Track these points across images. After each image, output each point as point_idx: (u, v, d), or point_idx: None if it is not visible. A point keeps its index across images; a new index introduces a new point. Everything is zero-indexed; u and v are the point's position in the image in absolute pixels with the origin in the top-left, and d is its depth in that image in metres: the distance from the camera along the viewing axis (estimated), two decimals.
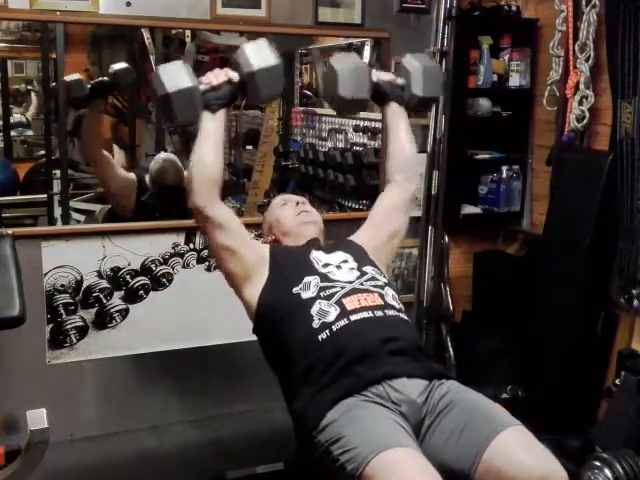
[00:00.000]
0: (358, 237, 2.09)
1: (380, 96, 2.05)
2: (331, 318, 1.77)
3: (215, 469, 2.59)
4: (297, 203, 2.14)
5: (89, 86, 3.08)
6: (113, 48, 4.38)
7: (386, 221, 2.08)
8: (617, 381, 2.61)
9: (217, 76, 1.82)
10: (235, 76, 1.82)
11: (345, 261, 1.94)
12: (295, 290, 1.85)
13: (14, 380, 2.65)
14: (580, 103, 2.83)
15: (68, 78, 3.10)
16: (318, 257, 1.94)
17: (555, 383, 2.82)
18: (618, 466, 2.24)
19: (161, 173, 3.23)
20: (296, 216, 2.11)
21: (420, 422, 1.66)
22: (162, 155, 3.39)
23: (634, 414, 2.49)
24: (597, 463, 2.28)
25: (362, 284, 1.87)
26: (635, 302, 2.63)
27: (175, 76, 1.74)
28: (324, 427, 1.62)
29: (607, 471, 2.24)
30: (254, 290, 1.89)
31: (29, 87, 5.56)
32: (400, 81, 2.06)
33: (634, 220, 2.60)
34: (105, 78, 3.10)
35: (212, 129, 1.82)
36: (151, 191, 3.26)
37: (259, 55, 1.80)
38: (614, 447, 2.41)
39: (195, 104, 1.77)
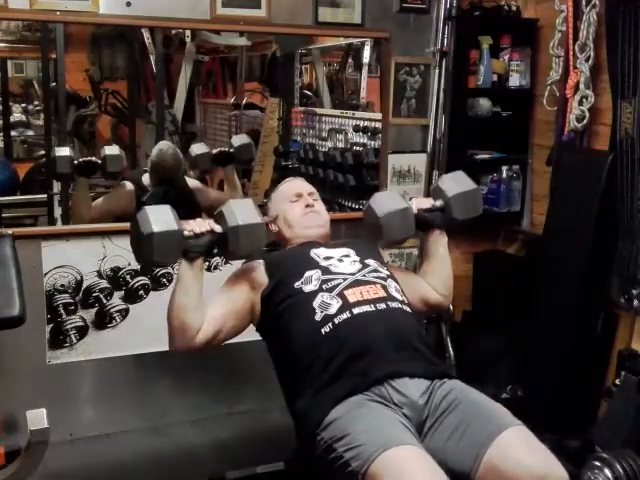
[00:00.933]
0: (395, 271, 2.09)
1: (423, 225, 2.10)
2: (333, 310, 1.78)
3: (215, 469, 2.59)
4: (307, 205, 2.11)
5: (75, 163, 3.05)
6: (113, 48, 4.38)
7: (407, 291, 2.06)
8: (617, 381, 2.61)
9: (200, 225, 1.83)
10: (218, 228, 1.83)
11: (347, 255, 1.96)
12: (297, 285, 1.86)
13: (14, 380, 2.65)
14: (580, 103, 2.83)
15: (58, 152, 3.04)
16: (319, 252, 1.96)
17: (555, 383, 2.82)
18: (618, 466, 2.23)
19: (160, 157, 3.24)
20: (303, 218, 2.09)
21: (422, 422, 1.67)
22: (161, 141, 3.43)
23: (634, 414, 2.49)
24: (597, 463, 2.28)
25: (364, 275, 1.88)
26: (635, 302, 2.63)
27: (163, 217, 1.76)
28: (327, 424, 1.62)
29: (607, 471, 2.24)
30: (258, 300, 1.92)
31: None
32: (439, 203, 2.10)
33: (634, 220, 2.59)
34: (93, 158, 3.08)
35: (190, 278, 1.81)
36: (151, 191, 3.26)
37: (245, 212, 1.84)
38: (614, 447, 2.41)
39: (175, 248, 1.78)
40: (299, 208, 2.10)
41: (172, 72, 4.29)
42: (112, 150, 3.13)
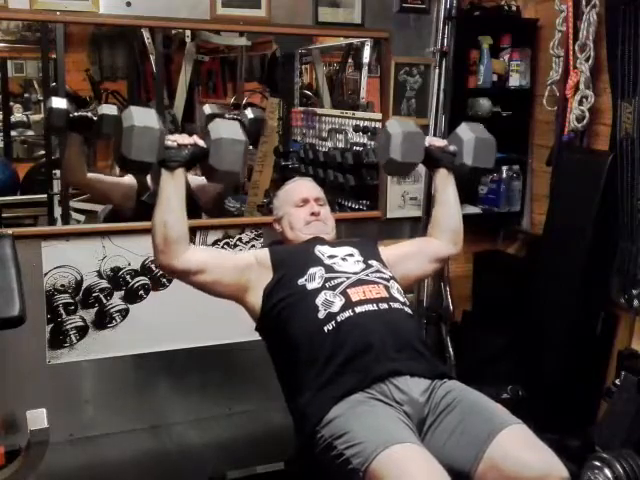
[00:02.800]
0: (384, 251, 2.10)
1: (431, 161, 2.09)
2: (336, 308, 1.78)
3: (215, 469, 2.59)
4: (312, 213, 2.08)
5: (71, 116, 2.94)
6: (113, 48, 4.39)
7: (416, 261, 2.11)
8: (617, 381, 2.60)
9: (184, 138, 1.83)
10: (201, 143, 1.83)
11: (351, 254, 1.96)
12: (300, 282, 1.86)
13: (14, 380, 2.64)
14: (580, 103, 2.83)
15: (54, 103, 2.74)
16: (323, 250, 1.96)
17: (555, 383, 2.82)
18: (618, 466, 2.24)
19: None
20: (308, 225, 2.07)
21: (422, 421, 1.67)
22: None
23: (634, 414, 2.49)
24: (597, 463, 2.28)
25: (368, 275, 1.89)
26: (635, 302, 2.63)
27: (146, 116, 1.78)
28: (328, 422, 1.63)
29: (607, 471, 2.24)
30: (258, 293, 1.91)
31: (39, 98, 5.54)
32: (452, 148, 2.09)
33: (634, 220, 2.59)
34: (89, 114, 2.93)
35: (171, 191, 1.80)
36: (151, 190, 3.26)
37: (230, 129, 1.85)
38: (614, 447, 2.41)
39: (154, 147, 1.77)
40: (304, 214, 2.08)
41: (172, 72, 4.29)
42: (109, 109, 2.96)
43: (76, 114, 2.72)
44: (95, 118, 2.72)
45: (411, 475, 1.43)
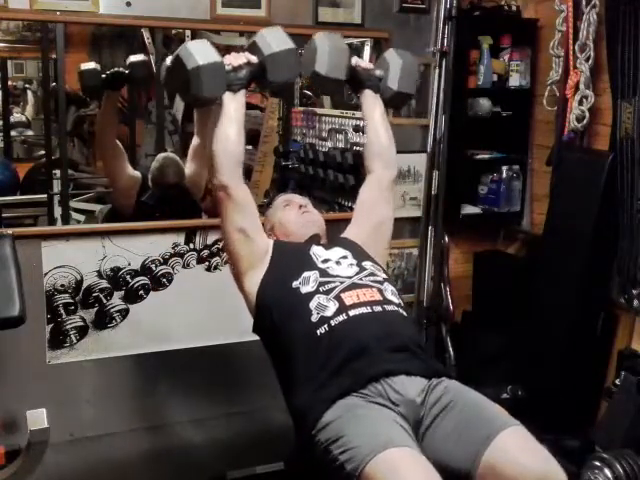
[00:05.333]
0: (349, 233, 2.12)
1: (356, 82, 2.10)
2: (329, 313, 1.78)
3: (215, 469, 2.59)
4: (300, 206, 2.15)
5: (103, 76, 3.07)
6: (113, 48, 4.38)
7: (370, 214, 2.12)
8: (617, 381, 2.61)
9: (237, 58, 1.88)
10: (254, 59, 1.88)
11: (344, 257, 1.95)
12: (294, 284, 1.86)
13: (14, 380, 2.64)
14: (580, 103, 2.83)
15: (84, 66, 3.07)
16: (318, 252, 1.96)
17: (555, 383, 2.82)
18: (618, 466, 2.24)
19: (161, 172, 3.23)
20: (298, 218, 2.12)
21: (419, 422, 1.66)
22: (162, 154, 3.39)
23: (634, 414, 2.49)
24: (597, 463, 2.28)
25: (361, 279, 1.88)
26: (635, 302, 2.63)
27: (205, 51, 1.79)
28: (324, 426, 1.62)
29: (607, 471, 2.24)
30: (255, 279, 1.92)
31: (27, 85, 5.54)
32: (378, 72, 2.11)
33: (634, 220, 2.59)
34: (121, 69, 3.10)
35: (234, 109, 1.88)
36: (151, 191, 3.26)
37: (278, 39, 1.89)
38: (614, 447, 2.41)
39: (221, 80, 1.82)
40: (294, 210, 2.14)
41: None
42: (137, 57, 3.14)
43: (108, 72, 3.01)
44: (126, 72, 2.90)
45: (404, 478, 1.42)
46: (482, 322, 3.31)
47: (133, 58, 3.12)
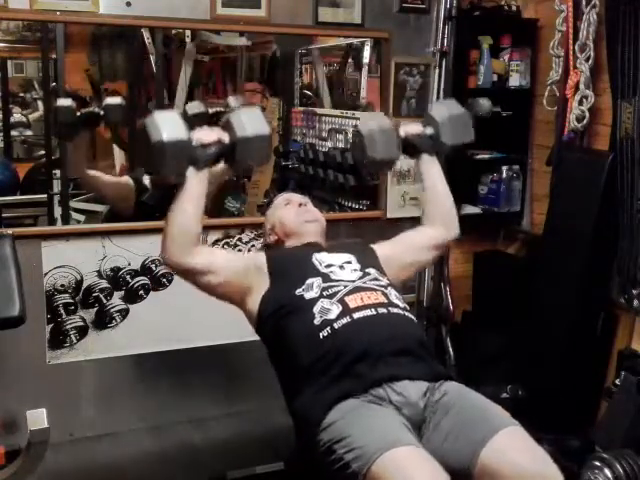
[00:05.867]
0: (380, 248, 2.10)
1: (411, 150, 2.07)
2: (332, 316, 1.78)
3: (215, 469, 2.59)
4: (299, 205, 2.15)
5: (78, 114, 3.04)
6: (113, 48, 4.38)
7: (413, 252, 2.09)
8: (617, 381, 2.61)
9: (208, 135, 1.80)
10: (226, 138, 1.80)
11: (349, 262, 1.95)
12: (298, 292, 1.85)
13: (14, 380, 2.64)
14: (580, 103, 2.83)
15: (60, 102, 2.93)
16: (321, 258, 1.95)
17: (555, 383, 2.82)
18: (618, 466, 2.24)
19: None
20: (299, 216, 2.12)
21: (420, 423, 1.67)
22: None
23: (634, 414, 2.49)
24: (597, 463, 2.28)
25: (365, 282, 1.88)
26: (635, 302, 2.63)
27: (173, 125, 1.71)
28: (327, 426, 1.62)
29: (607, 471, 2.24)
30: (256, 298, 1.91)
31: (35, 96, 5.54)
32: (429, 131, 2.06)
33: (634, 220, 2.59)
34: (96, 109, 3.06)
35: (196, 186, 1.79)
36: (151, 191, 3.26)
37: (254, 122, 1.81)
38: (614, 447, 2.41)
39: (184, 158, 1.75)
40: (293, 208, 2.14)
41: (172, 72, 4.29)
42: (113, 100, 3.07)
43: (83, 110, 2.86)
44: (101, 113, 2.84)
45: (411, 477, 1.42)
46: (482, 322, 3.31)
47: (110, 100, 3.05)
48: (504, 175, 3.29)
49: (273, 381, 1.92)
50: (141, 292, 2.82)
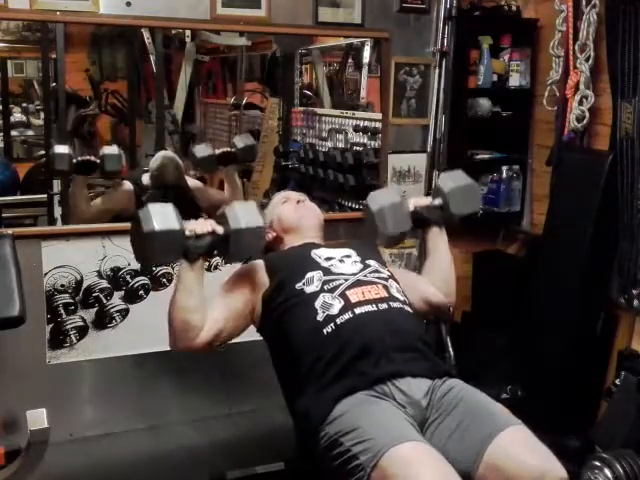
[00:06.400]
0: (395, 271, 2.10)
1: (420, 222, 2.08)
2: (335, 311, 1.78)
3: (215, 469, 2.59)
4: (297, 201, 2.17)
5: (74, 162, 3.06)
6: (113, 48, 4.38)
7: (409, 290, 2.06)
8: (617, 381, 2.61)
9: (202, 226, 1.82)
10: (220, 229, 1.82)
11: (348, 255, 1.96)
12: (298, 286, 1.86)
13: (14, 380, 2.64)
14: (580, 103, 2.83)
15: (57, 149, 3.04)
16: (320, 253, 1.96)
17: (555, 383, 2.82)
18: (618, 466, 2.24)
19: (161, 170, 3.23)
20: (297, 211, 2.14)
21: (424, 422, 1.67)
22: (161, 153, 3.39)
23: (634, 414, 2.49)
24: (597, 463, 2.28)
25: (366, 276, 1.89)
26: (635, 302, 2.63)
27: (165, 216, 1.74)
28: (333, 419, 1.63)
29: (607, 471, 2.24)
30: (258, 299, 1.93)
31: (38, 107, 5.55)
32: (437, 202, 2.08)
33: (634, 220, 2.59)
34: (92, 158, 3.09)
35: (191, 279, 1.81)
36: (151, 191, 3.26)
37: (248, 215, 1.83)
38: (614, 447, 2.41)
39: (176, 248, 1.77)
40: (292, 205, 2.17)
41: (172, 72, 4.29)
42: (111, 150, 3.13)
43: (79, 158, 2.99)
44: (98, 161, 2.86)
45: (419, 472, 1.43)
46: (482, 322, 3.31)
47: (107, 150, 3.08)
48: (504, 175, 3.30)
49: (273, 381, 1.92)
50: (141, 292, 2.82)
